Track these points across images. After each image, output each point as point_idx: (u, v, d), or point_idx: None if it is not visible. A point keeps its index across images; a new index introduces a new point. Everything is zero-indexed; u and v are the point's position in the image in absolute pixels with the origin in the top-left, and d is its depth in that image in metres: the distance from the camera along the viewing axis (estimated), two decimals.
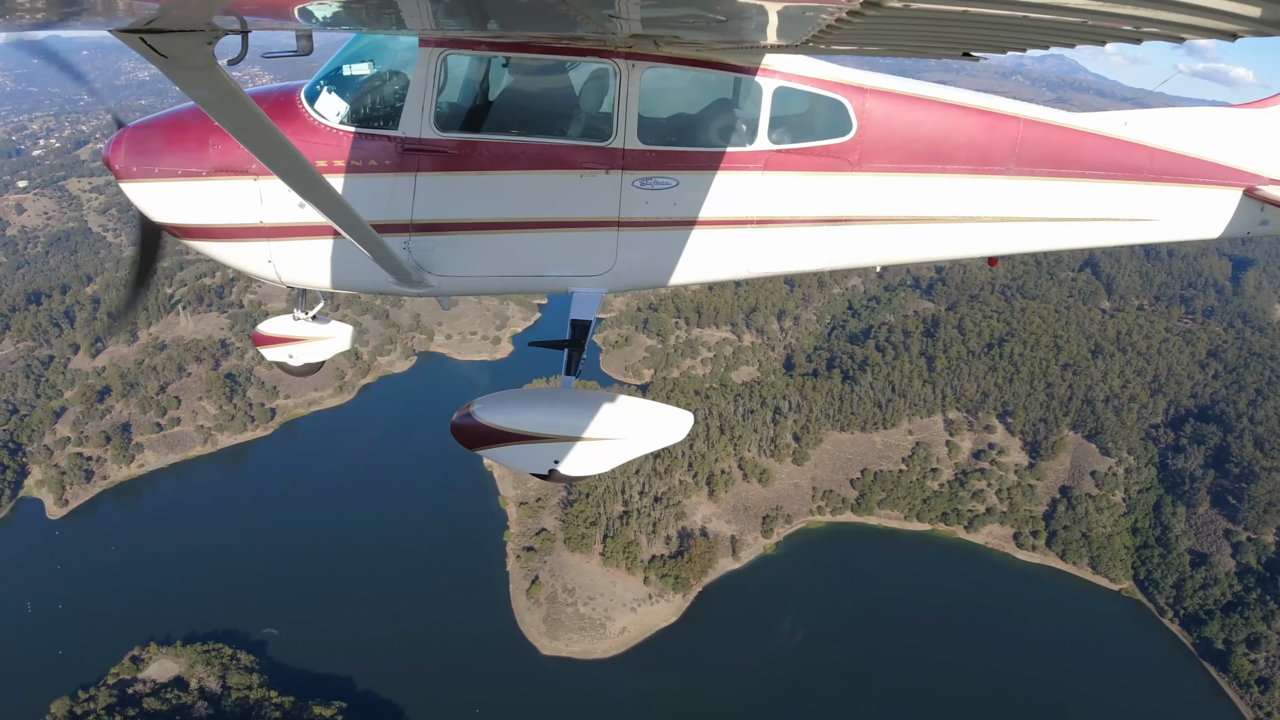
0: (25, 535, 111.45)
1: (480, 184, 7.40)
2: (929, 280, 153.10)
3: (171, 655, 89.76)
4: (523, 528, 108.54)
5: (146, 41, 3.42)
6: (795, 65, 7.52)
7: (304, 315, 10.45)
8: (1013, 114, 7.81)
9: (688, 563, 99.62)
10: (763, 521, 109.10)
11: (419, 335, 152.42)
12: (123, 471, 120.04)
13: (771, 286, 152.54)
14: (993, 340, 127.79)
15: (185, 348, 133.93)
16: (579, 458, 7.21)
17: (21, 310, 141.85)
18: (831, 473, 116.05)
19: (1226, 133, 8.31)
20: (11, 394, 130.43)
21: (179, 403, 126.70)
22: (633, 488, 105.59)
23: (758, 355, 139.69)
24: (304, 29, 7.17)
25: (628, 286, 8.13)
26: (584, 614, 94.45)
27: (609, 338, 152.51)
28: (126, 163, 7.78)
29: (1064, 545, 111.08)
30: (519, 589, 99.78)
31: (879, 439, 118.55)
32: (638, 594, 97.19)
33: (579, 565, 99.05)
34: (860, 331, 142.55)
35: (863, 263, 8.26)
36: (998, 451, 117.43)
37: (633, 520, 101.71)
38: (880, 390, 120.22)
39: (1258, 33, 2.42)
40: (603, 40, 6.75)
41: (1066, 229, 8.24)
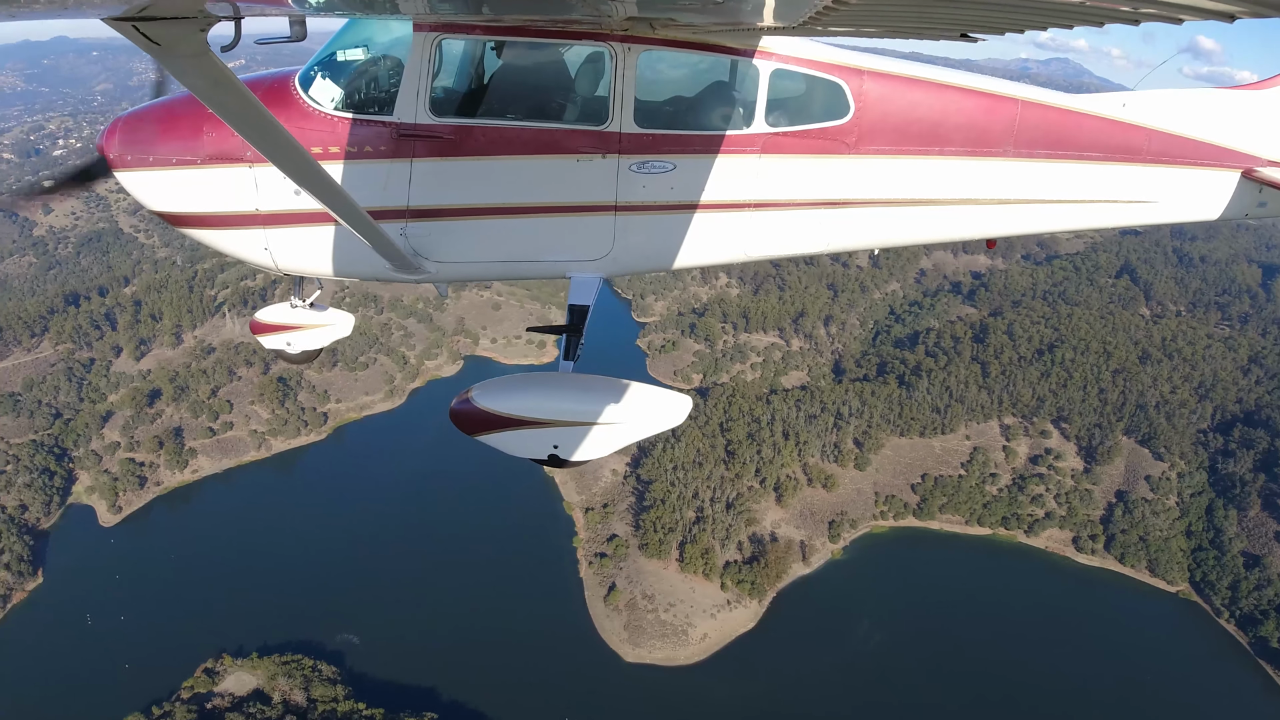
0: (78, 544, 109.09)
1: (476, 169, 7.36)
2: (970, 286, 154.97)
3: (248, 667, 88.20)
4: (592, 534, 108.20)
5: (139, 29, 3.40)
6: (792, 47, 7.47)
7: (301, 303, 10.41)
8: (1010, 95, 7.79)
9: (764, 568, 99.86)
10: (829, 526, 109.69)
11: (464, 339, 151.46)
12: (176, 477, 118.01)
13: (815, 291, 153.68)
14: (1042, 346, 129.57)
15: (234, 351, 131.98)
16: (579, 442, 7.15)
17: (60, 312, 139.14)
18: (892, 477, 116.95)
19: (1225, 114, 8.28)
20: (54, 397, 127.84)
21: (231, 407, 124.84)
22: (704, 495, 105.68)
23: (806, 360, 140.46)
24: (297, 14, 7.17)
25: (625, 270, 8.08)
26: (665, 620, 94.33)
27: (654, 342, 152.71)
28: (121, 152, 7.68)
29: (1122, 548, 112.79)
30: (595, 595, 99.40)
31: (937, 444, 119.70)
32: (716, 600, 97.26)
33: (656, 571, 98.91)
34: (906, 337, 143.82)
35: (860, 245, 8.24)
36: (1054, 456, 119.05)
37: (707, 526, 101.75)
38: (938, 395, 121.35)
39: (1255, 14, 2.37)
40: (598, 23, 6.73)
41: (1064, 211, 8.23)
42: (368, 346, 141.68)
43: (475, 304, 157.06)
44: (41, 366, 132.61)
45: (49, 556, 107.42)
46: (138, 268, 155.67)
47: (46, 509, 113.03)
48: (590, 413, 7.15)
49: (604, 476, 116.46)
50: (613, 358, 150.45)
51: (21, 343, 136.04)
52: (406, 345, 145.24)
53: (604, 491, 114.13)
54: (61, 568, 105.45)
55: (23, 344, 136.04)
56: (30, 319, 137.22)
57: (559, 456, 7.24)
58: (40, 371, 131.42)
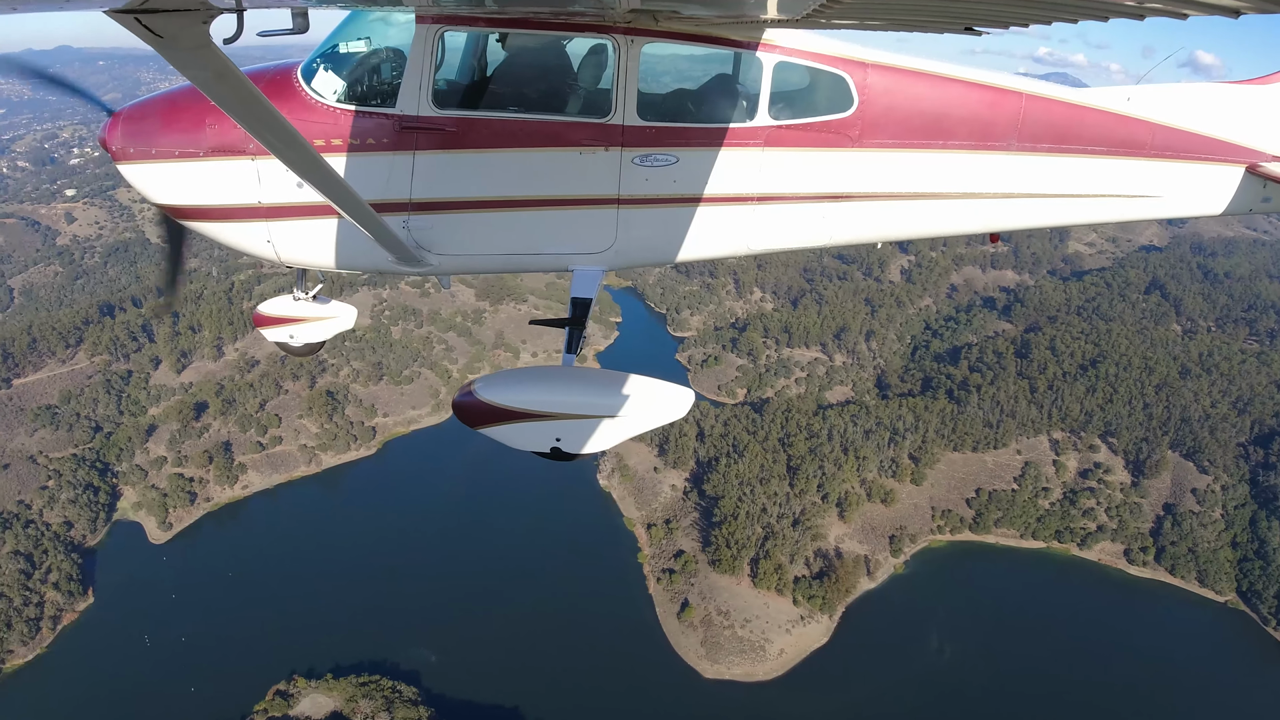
0: (129, 562, 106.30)
1: (479, 162, 7.36)
2: (1004, 302, 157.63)
3: (323, 689, 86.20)
4: (657, 549, 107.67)
5: (141, 21, 3.44)
6: (796, 40, 7.48)
7: (304, 295, 10.43)
8: (1015, 89, 7.80)
9: (834, 583, 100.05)
10: (890, 541, 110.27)
11: (504, 352, 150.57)
12: (226, 493, 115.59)
13: (854, 307, 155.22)
14: (1085, 361, 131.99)
15: (280, 364, 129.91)
16: (581, 435, 7.15)
17: (95, 323, 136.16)
18: (947, 492, 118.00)
19: (1229, 109, 8.27)
20: (92, 410, 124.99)
21: (279, 421, 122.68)
22: (772, 510, 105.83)
23: (850, 375, 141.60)
24: (300, 6, 7.16)
25: (628, 264, 8.07)
26: (742, 636, 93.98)
27: (694, 357, 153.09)
28: (123, 144, 7.69)
29: (1172, 560, 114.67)
30: (668, 612, 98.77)
31: (990, 459, 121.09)
32: (789, 615, 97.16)
33: (729, 587, 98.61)
34: (946, 352, 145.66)
35: (864, 239, 8.26)
36: (1103, 470, 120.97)
37: (775, 542, 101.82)
38: (989, 411, 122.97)
39: (1260, 10, 2.41)
40: (601, 15, 6.76)
41: (1068, 205, 8.22)
42: (411, 360, 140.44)
43: (513, 317, 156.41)
44: (78, 378, 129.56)
45: (98, 575, 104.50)
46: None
47: (93, 526, 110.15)
48: (593, 405, 7.13)
49: (663, 492, 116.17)
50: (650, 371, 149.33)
51: (55, 354, 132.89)
52: (449, 359, 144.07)
53: (664, 507, 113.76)
54: (112, 586, 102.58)
55: (57, 355, 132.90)
56: (64, 329, 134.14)
57: (561, 449, 7.18)
58: (77, 383, 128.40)
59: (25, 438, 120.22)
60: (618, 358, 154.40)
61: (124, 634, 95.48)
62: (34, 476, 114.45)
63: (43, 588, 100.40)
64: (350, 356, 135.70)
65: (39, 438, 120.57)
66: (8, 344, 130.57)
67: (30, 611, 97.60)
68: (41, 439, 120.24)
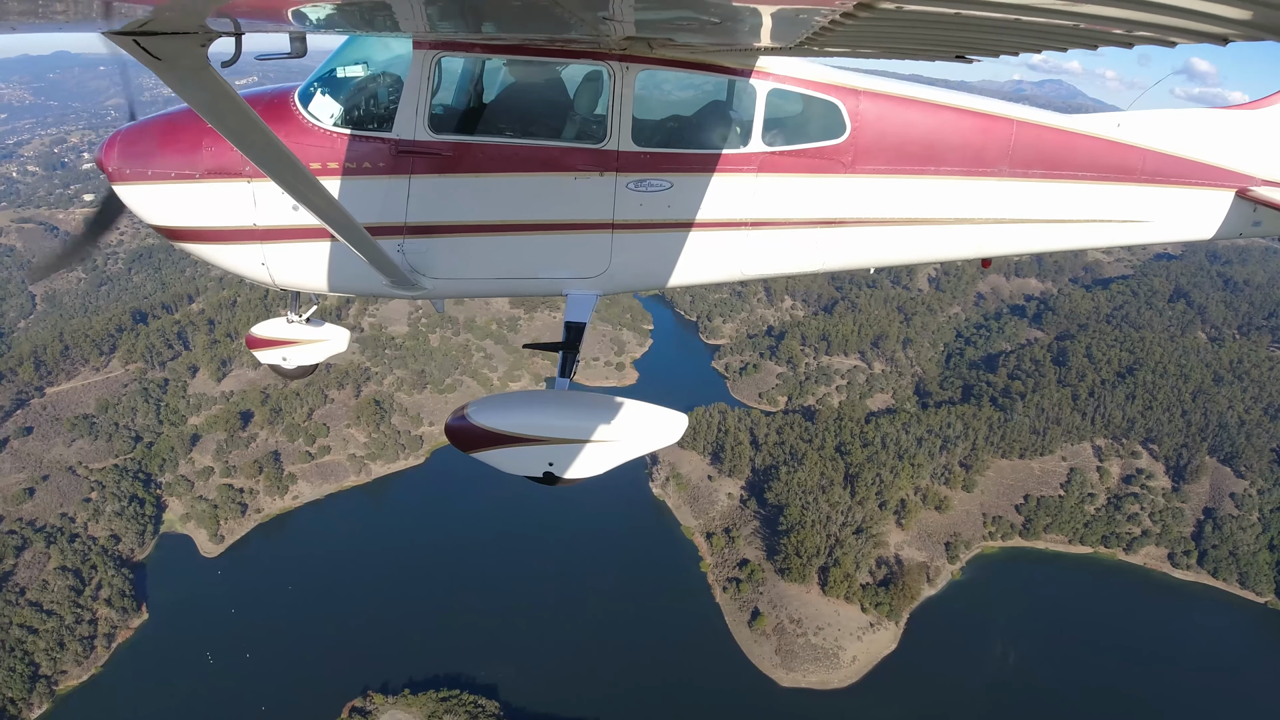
0: (182, 576, 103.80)
1: (474, 186, 7.45)
2: (1034, 310, 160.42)
3: (402, 705, 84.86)
4: (719, 559, 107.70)
5: (140, 44, 3.51)
6: (789, 67, 7.66)
7: (297, 318, 10.48)
8: (1006, 116, 7.96)
9: (900, 590, 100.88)
10: (946, 548, 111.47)
11: (542, 359, 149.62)
12: (276, 504, 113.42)
13: (889, 315, 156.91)
14: (1121, 369, 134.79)
15: (325, 371, 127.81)
16: (574, 460, 7.18)
17: (128, 330, 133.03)
18: (997, 498, 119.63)
19: (1218, 134, 8.46)
20: (131, 419, 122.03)
21: (328, 430, 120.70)
22: (835, 519, 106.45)
23: (890, 383, 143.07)
24: (298, 31, 7.30)
25: (622, 289, 8.19)
26: (815, 644, 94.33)
27: (731, 364, 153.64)
28: (120, 165, 7.79)
29: (1214, 563, 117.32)
30: (737, 621, 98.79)
31: (1036, 465, 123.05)
32: (859, 623, 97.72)
33: (799, 595, 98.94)
34: (981, 360, 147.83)
35: (857, 264, 8.40)
36: (1146, 476, 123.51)
37: (843, 550, 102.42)
38: (1035, 418, 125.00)
39: (1248, 37, 2.49)
40: (597, 42, 6.88)
41: (1060, 230, 8.35)
42: (452, 368, 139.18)
43: (549, 324, 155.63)
44: (113, 387, 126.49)
45: (150, 590, 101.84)
46: (197, 284, 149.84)
47: (140, 539, 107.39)
48: (586, 430, 7.13)
49: (719, 501, 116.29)
50: (689, 380, 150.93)
51: (89, 361, 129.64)
52: (488, 367, 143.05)
53: (722, 516, 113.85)
54: (166, 602, 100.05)
55: (90, 363, 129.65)
56: (97, 337, 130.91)
57: (554, 474, 7.20)
58: (113, 392, 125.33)
59: (63, 448, 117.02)
60: (654, 365, 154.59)
61: (183, 651, 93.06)
62: (75, 488, 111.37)
63: (94, 604, 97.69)
64: (393, 365, 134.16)
65: (78, 448, 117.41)
66: (39, 351, 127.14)
67: (83, 630, 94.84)
68: (80, 449, 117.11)
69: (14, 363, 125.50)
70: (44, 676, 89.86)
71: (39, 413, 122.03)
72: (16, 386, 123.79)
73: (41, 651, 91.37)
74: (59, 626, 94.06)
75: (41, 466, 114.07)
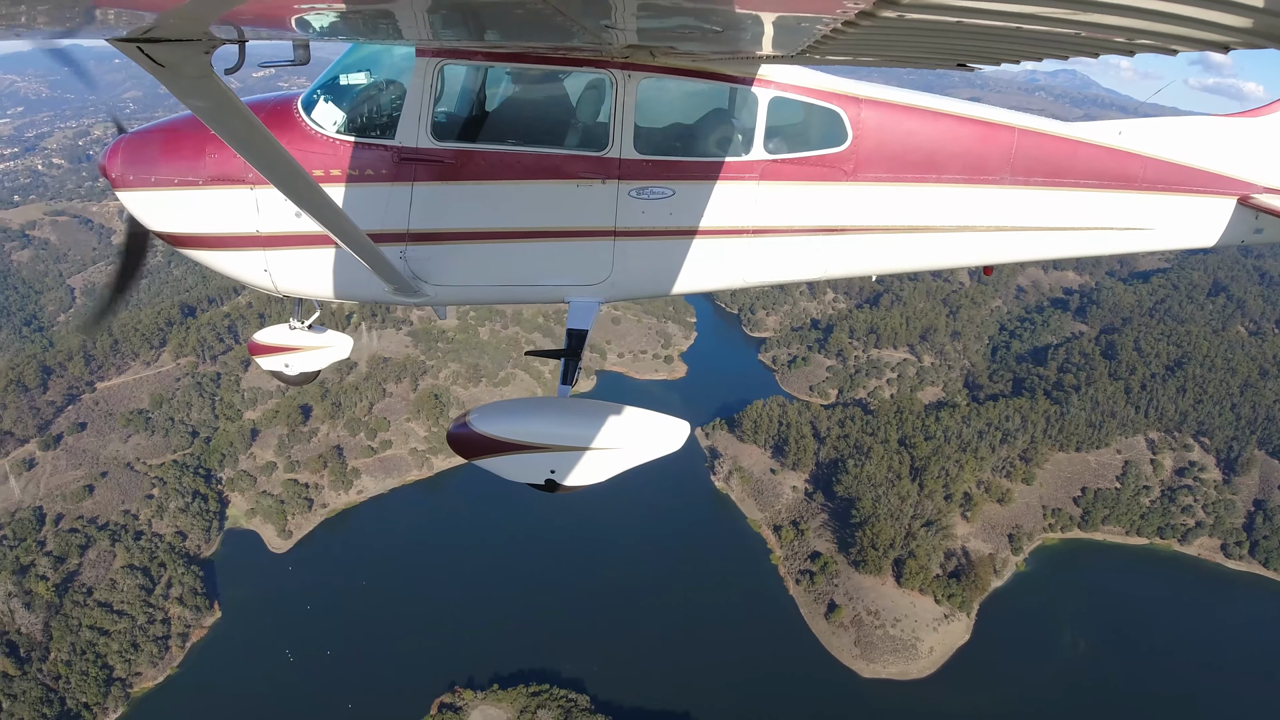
0: (254, 573, 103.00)
1: (477, 193, 7.48)
2: (1076, 303, 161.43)
3: (492, 700, 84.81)
4: (789, 551, 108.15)
5: (144, 51, 3.54)
6: (790, 75, 7.70)
7: (300, 324, 10.53)
8: (1007, 124, 7.99)
9: (971, 581, 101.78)
10: (1010, 540, 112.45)
11: (593, 354, 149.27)
12: (341, 498, 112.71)
13: (935, 309, 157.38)
14: (1170, 363, 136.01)
15: (382, 365, 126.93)
16: (576, 467, 7.21)
17: (178, 324, 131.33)
18: (1055, 491, 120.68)
19: (1220, 141, 8.49)
20: (186, 414, 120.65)
21: (389, 424, 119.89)
22: (906, 511, 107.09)
23: (940, 376, 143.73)
24: (301, 39, 7.37)
25: (624, 296, 8.21)
26: (894, 635, 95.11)
27: (778, 357, 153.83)
28: (123, 171, 7.83)
29: (1266, 554, 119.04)
30: (813, 613, 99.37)
31: (1092, 458, 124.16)
32: (934, 614, 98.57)
33: (875, 588, 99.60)
34: (1028, 353, 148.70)
35: (858, 272, 8.45)
36: (1198, 469, 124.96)
37: (917, 542, 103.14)
38: (1092, 412, 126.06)
39: (1249, 45, 2.53)
40: (599, 50, 6.89)
41: (1061, 238, 8.40)
42: (505, 361, 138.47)
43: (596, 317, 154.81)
44: (165, 381, 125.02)
45: (220, 588, 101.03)
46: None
47: (206, 536, 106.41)
48: (588, 438, 7.14)
49: (784, 494, 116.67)
50: (737, 372, 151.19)
51: (139, 355, 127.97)
52: (539, 360, 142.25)
53: (788, 509, 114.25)
54: (238, 600, 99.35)
55: (140, 357, 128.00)
56: (146, 331, 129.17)
57: (555, 481, 7.24)
58: (166, 386, 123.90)
59: (119, 444, 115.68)
60: (701, 358, 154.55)
61: (260, 650, 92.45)
62: (136, 485, 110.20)
63: (165, 603, 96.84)
64: (447, 358, 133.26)
65: (134, 444, 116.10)
66: (89, 346, 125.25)
67: (156, 629, 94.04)
68: (137, 445, 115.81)
69: (63, 357, 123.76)
70: (118, 679, 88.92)
71: (91, 408, 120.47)
72: (67, 382, 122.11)
73: (115, 653, 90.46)
74: (131, 627, 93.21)
75: (98, 463, 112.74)
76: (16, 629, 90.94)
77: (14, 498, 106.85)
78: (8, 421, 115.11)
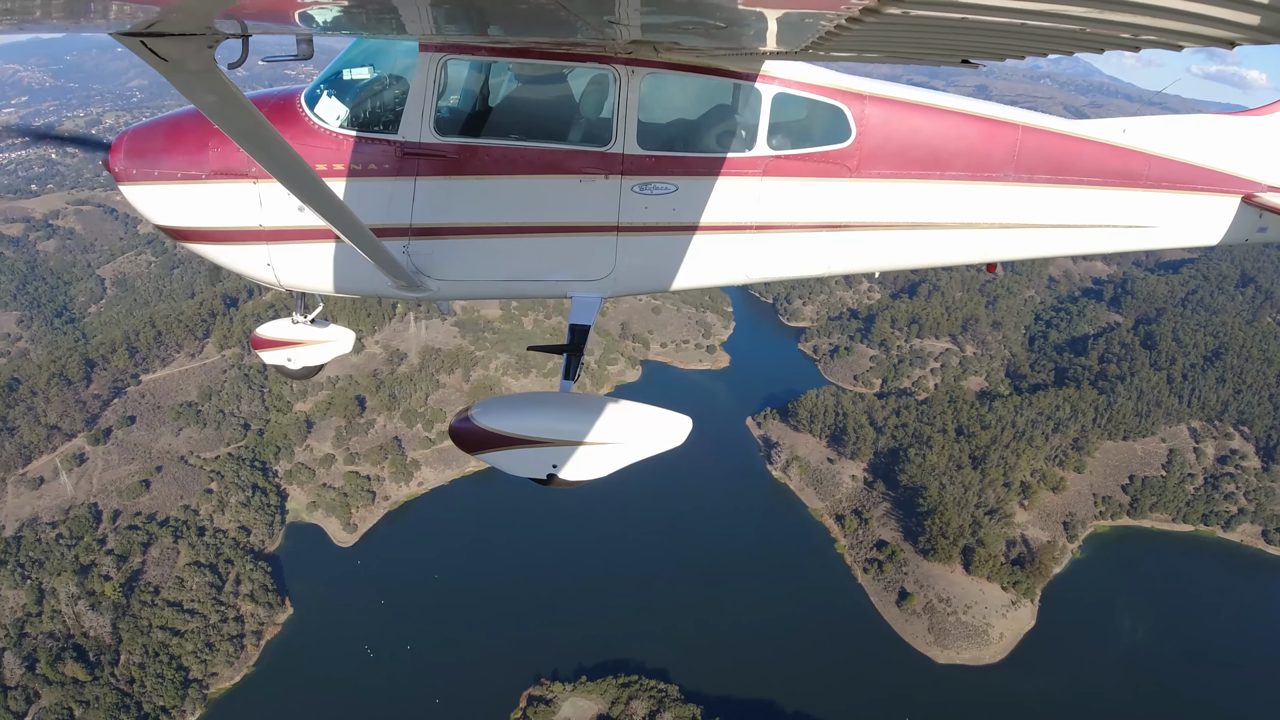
0: (322, 568, 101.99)
1: (480, 188, 7.50)
2: (1110, 294, 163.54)
3: (582, 692, 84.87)
4: (854, 540, 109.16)
5: (147, 45, 3.56)
6: (794, 71, 7.71)
7: (303, 318, 10.53)
8: (1011, 121, 7.99)
9: (1035, 568, 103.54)
10: (1065, 528, 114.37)
11: (635, 344, 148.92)
12: (403, 490, 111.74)
13: (974, 300, 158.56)
14: (1208, 353, 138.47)
15: (433, 355, 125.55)
16: (578, 462, 7.23)
17: (221, 315, 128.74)
18: (1104, 479, 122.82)
19: (1224, 140, 8.49)
20: (236, 406, 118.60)
21: (445, 415, 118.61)
22: (969, 500, 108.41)
23: (983, 366, 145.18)
24: (304, 33, 7.38)
25: (626, 291, 8.23)
26: (966, 622, 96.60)
27: (819, 347, 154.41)
28: (126, 165, 7.88)
29: None
30: (884, 601, 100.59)
31: (1139, 447, 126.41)
32: (1001, 600, 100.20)
33: (944, 575, 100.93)
34: (1066, 343, 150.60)
35: (862, 268, 8.46)
36: (1239, 457, 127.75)
37: (984, 530, 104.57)
38: (1137, 401, 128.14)
39: (1255, 41, 2.53)
40: (602, 46, 6.94)
41: (1065, 235, 8.41)
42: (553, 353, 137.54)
43: (635, 308, 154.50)
44: (212, 373, 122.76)
45: (289, 583, 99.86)
46: None
47: (270, 530, 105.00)
48: (590, 433, 7.18)
49: (844, 483, 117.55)
50: (778, 362, 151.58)
51: (183, 347, 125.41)
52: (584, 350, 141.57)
53: (848, 498, 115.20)
54: (308, 595, 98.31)
55: (184, 349, 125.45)
56: (190, 322, 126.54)
57: (557, 476, 7.29)
58: (213, 378, 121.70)
59: (171, 437, 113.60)
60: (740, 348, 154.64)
61: (336, 646, 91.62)
62: (193, 479, 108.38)
63: (236, 601, 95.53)
64: (496, 349, 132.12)
65: (186, 437, 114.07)
66: (131, 337, 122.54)
67: (229, 628, 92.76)
68: (190, 438, 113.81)
69: (106, 349, 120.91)
70: (194, 680, 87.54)
71: (138, 401, 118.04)
72: (111, 374, 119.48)
73: (189, 654, 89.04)
74: (204, 626, 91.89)
75: (151, 457, 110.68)
76: (83, 631, 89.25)
77: (66, 494, 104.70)
78: (53, 415, 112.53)
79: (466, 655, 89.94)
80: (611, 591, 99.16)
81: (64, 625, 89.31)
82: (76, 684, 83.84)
